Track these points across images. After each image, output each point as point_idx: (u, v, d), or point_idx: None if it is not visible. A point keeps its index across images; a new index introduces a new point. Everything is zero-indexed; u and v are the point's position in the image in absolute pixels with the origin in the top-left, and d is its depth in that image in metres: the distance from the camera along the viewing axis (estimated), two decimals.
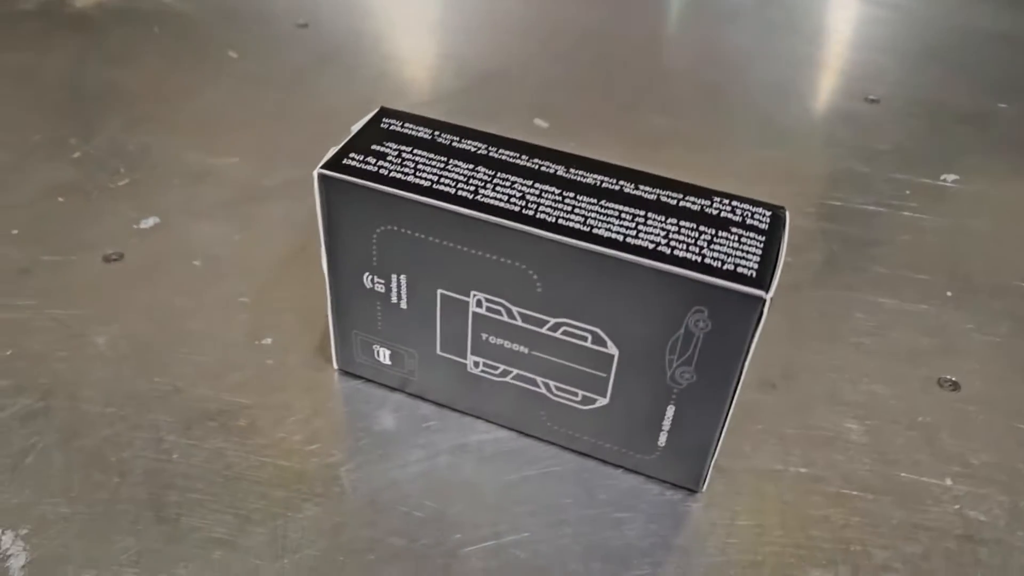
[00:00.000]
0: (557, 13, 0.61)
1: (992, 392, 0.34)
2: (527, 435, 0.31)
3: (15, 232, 0.38)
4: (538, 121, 0.48)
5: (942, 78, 0.55)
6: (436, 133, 0.28)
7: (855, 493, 0.30)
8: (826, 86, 0.54)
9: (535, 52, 0.56)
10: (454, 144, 0.28)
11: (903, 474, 0.31)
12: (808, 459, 0.31)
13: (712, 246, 0.25)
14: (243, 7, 0.58)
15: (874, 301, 0.38)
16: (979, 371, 0.35)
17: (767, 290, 0.24)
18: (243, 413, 0.31)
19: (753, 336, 0.25)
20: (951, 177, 0.46)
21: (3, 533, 0.27)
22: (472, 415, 0.31)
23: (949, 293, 0.38)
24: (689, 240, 0.25)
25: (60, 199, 0.40)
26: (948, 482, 0.31)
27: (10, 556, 0.26)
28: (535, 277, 0.26)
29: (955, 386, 0.34)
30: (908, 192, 0.44)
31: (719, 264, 0.24)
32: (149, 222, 0.39)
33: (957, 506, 0.30)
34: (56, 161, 0.43)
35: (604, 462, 0.30)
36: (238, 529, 0.27)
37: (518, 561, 0.27)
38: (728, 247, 0.25)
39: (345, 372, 0.33)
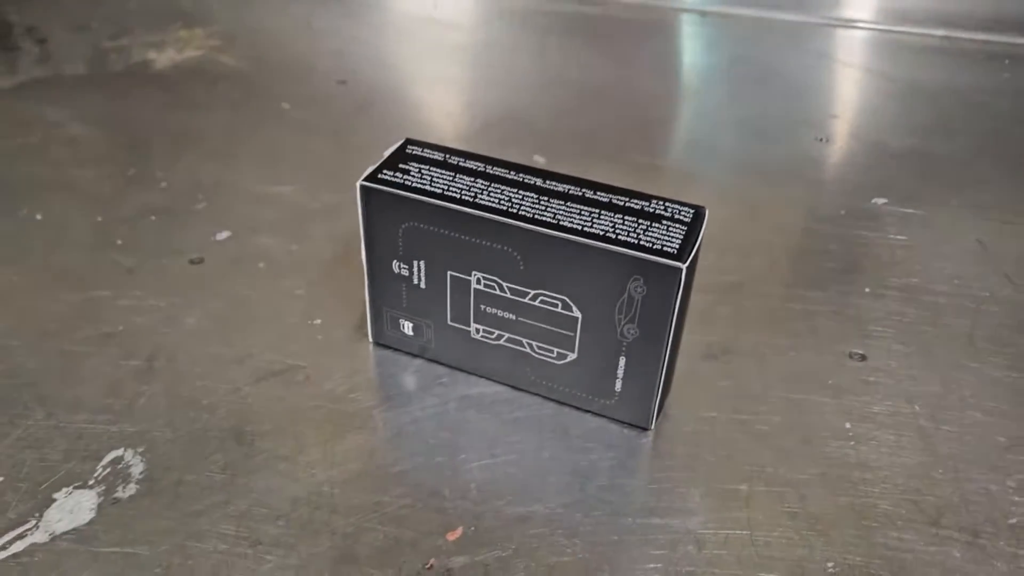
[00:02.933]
0: (566, 71, 0.71)
1: (892, 362, 0.43)
2: (517, 388, 0.40)
3: (119, 242, 0.48)
4: (537, 157, 0.58)
5: (880, 123, 0.65)
6: (447, 156, 0.38)
7: (769, 431, 0.38)
8: (787, 129, 0.64)
9: (543, 102, 0.66)
10: (460, 164, 0.38)
11: (810, 419, 0.39)
12: (736, 409, 0.40)
13: (647, 233, 0.34)
14: (293, 68, 0.69)
15: (805, 295, 0.47)
16: (883, 347, 0.43)
17: (684, 262, 0.33)
18: (300, 372, 0.40)
19: (677, 296, 0.34)
20: (881, 200, 0.55)
21: (126, 451, 0.36)
22: (476, 374, 0.40)
23: (867, 289, 0.47)
24: (630, 228, 0.34)
25: (153, 217, 0.50)
26: (847, 425, 0.39)
27: (131, 466, 0.36)
28: (519, 258, 0.35)
29: (863, 358, 0.43)
30: (843, 212, 0.54)
31: (650, 244, 0.34)
32: (223, 235, 0.49)
33: (852, 443, 0.38)
34: (148, 189, 0.53)
35: (576, 408, 0.39)
36: (297, 450, 0.37)
37: (507, 473, 0.36)
38: (658, 233, 0.34)
39: (378, 343, 0.42)
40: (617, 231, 0.34)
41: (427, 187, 0.36)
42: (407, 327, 0.40)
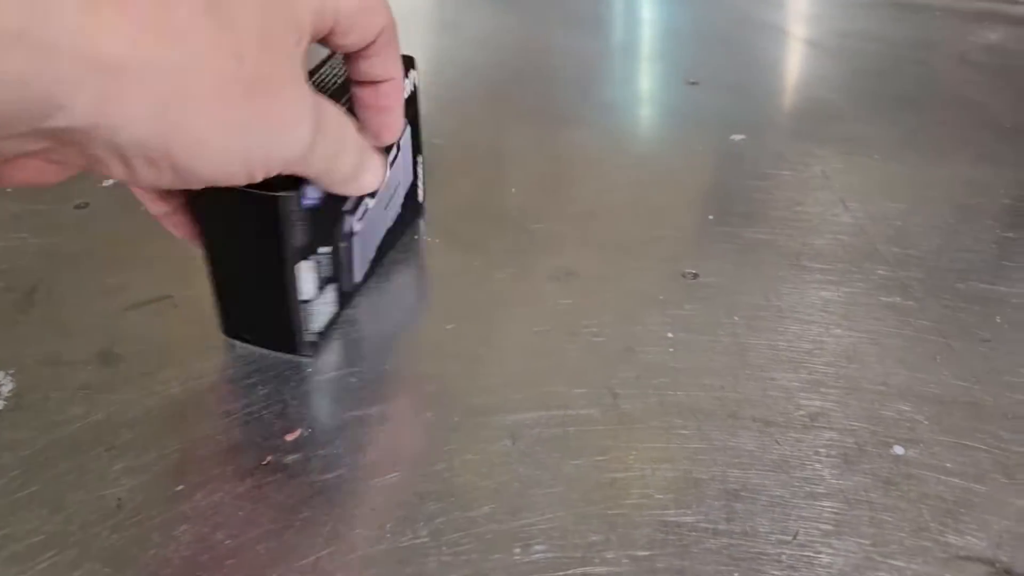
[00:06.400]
0: (470, 25, 0.74)
1: (721, 279, 0.46)
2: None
3: (8, 191, 0.51)
4: None
5: (755, 68, 0.68)
6: None
7: (596, 342, 0.42)
8: (660, 74, 0.67)
9: (437, 55, 0.69)
10: None
11: (636, 330, 0.43)
12: (570, 324, 0.43)
13: None
14: None
15: (650, 222, 0.50)
16: (715, 267, 0.47)
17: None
18: (169, 301, 0.44)
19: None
20: (738, 137, 0.58)
21: None
22: None
23: (711, 216, 0.51)
24: None
25: None
26: (669, 335, 0.43)
27: (2, 385, 0.39)
28: None
29: (695, 276, 0.47)
30: (700, 148, 0.57)
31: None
32: (110, 182, 0.52)
33: (671, 350, 0.42)
34: None
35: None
36: (158, 368, 0.40)
37: (349, 383, 0.40)
38: None
39: None
40: None
41: None
42: None
